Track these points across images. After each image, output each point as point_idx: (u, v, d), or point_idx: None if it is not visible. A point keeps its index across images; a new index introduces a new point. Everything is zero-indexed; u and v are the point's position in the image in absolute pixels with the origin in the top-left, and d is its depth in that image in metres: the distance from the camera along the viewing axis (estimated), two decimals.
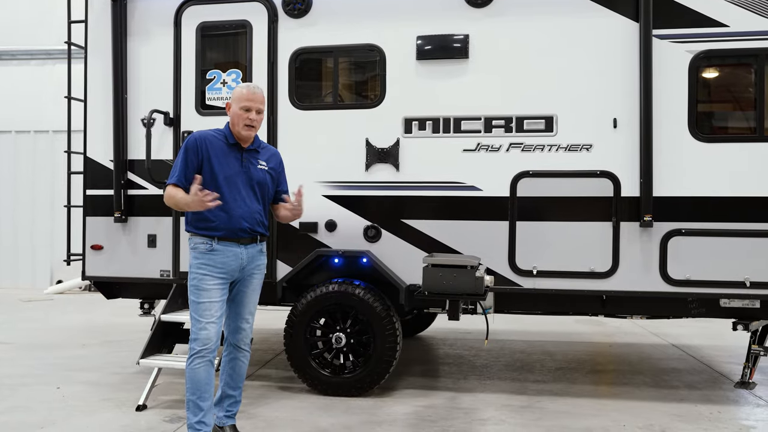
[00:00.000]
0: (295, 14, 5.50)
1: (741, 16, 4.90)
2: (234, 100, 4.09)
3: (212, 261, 3.99)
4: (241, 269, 4.10)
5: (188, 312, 5.50)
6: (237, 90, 4.13)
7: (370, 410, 5.04)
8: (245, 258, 4.08)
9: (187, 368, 3.99)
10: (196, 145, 4.03)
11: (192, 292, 4.02)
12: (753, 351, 5.25)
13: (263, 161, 4.20)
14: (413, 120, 5.32)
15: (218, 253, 4.00)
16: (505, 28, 5.22)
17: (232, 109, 4.09)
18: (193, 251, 4.05)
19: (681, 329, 8.28)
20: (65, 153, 6.28)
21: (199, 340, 3.95)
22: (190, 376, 3.97)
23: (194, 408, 3.97)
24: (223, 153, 4.06)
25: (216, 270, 3.99)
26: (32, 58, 13.30)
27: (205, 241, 4.01)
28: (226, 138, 4.11)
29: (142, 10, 5.75)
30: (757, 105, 4.94)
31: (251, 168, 4.12)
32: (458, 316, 5.04)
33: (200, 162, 4.02)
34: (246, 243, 4.08)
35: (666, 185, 4.98)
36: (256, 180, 4.13)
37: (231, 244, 4.02)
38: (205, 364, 3.96)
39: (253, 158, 4.16)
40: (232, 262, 4.03)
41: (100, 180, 5.79)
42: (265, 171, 4.19)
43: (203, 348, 3.95)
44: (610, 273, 5.05)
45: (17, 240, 13.21)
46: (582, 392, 5.58)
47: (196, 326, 3.98)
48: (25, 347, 7.36)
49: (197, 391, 3.96)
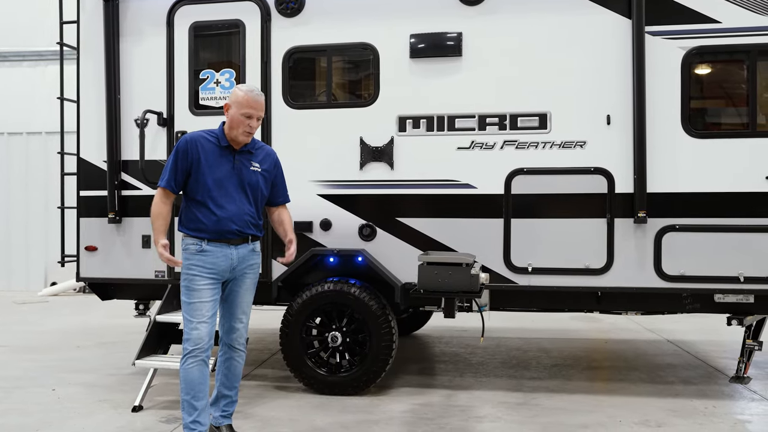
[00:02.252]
0: (288, 13, 5.49)
1: (733, 12, 4.92)
2: (235, 103, 4.02)
3: (202, 261, 4.00)
4: (232, 269, 4.10)
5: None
6: (238, 93, 4.04)
7: (366, 409, 5.04)
8: (236, 258, 4.08)
9: (180, 368, 4.00)
10: (187, 149, 4.02)
11: (183, 292, 4.04)
12: (747, 346, 5.28)
13: (257, 162, 4.19)
14: (407, 118, 5.32)
15: (208, 254, 4.01)
16: (498, 25, 5.22)
17: (231, 112, 4.04)
18: (184, 252, 4.06)
19: (676, 325, 8.31)
20: (58, 154, 6.25)
21: (191, 340, 3.96)
22: (184, 376, 3.98)
23: (189, 408, 3.97)
24: (214, 155, 4.05)
25: (206, 270, 4.00)
26: (24, 59, 13.24)
27: (196, 242, 4.02)
28: (218, 140, 4.09)
29: (134, 10, 5.73)
30: (749, 101, 4.96)
31: (243, 170, 4.11)
32: (454, 314, 5.04)
33: (190, 165, 4.02)
34: (236, 243, 4.09)
35: (660, 181, 5.00)
36: (248, 182, 4.12)
37: (221, 245, 4.03)
38: (198, 363, 3.97)
39: (245, 160, 4.15)
40: (222, 263, 4.04)
41: (93, 181, 5.77)
42: (258, 173, 4.18)
43: (195, 348, 3.96)
44: (605, 269, 5.06)
45: (11, 242, 13.16)
46: (578, 389, 5.60)
47: (188, 326, 3.99)
48: (20, 349, 7.34)
49: (191, 391, 3.97)
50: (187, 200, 4.09)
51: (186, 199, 4.10)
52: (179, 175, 4.02)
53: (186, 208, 4.10)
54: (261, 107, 4.08)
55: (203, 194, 4.01)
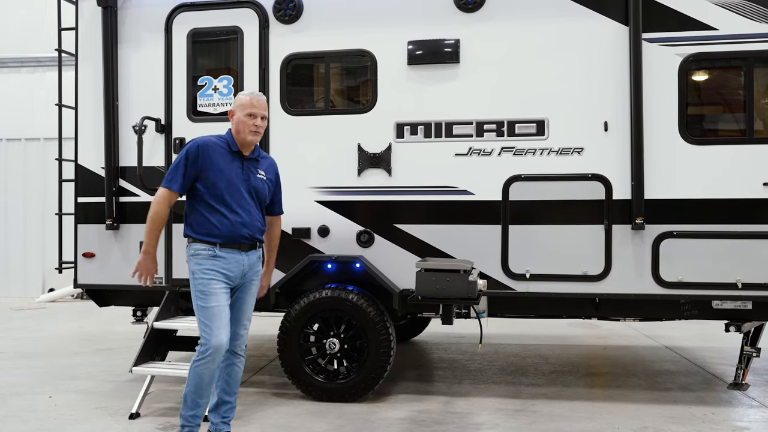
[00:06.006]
0: (286, 20, 5.50)
1: (730, 19, 4.94)
2: (237, 107, 4.12)
3: (217, 266, 4.02)
4: (243, 276, 4.13)
5: (181, 319, 5.52)
6: (240, 97, 4.16)
7: (364, 416, 5.03)
8: (246, 264, 4.13)
9: (194, 368, 3.99)
10: (197, 154, 4.03)
11: (199, 297, 4.01)
12: (745, 352, 5.26)
13: (262, 171, 4.25)
14: (405, 125, 5.32)
15: (221, 260, 4.03)
16: (495, 32, 5.24)
17: (236, 116, 4.11)
18: (194, 257, 4.05)
19: (674, 331, 8.31)
20: (56, 161, 6.26)
21: (212, 345, 3.94)
22: (196, 377, 3.99)
23: (192, 403, 4.04)
24: (225, 160, 4.08)
25: (222, 275, 4.02)
26: (23, 65, 13.27)
27: (207, 247, 4.03)
28: (228, 145, 4.13)
29: (132, 16, 5.74)
30: (746, 107, 4.98)
31: (251, 177, 4.16)
32: (452, 321, 5.03)
33: (198, 171, 4.03)
34: (246, 250, 4.12)
35: (657, 188, 5.00)
36: (256, 188, 4.17)
37: (233, 251, 4.05)
38: (214, 367, 4.01)
39: (253, 167, 4.19)
40: (235, 269, 4.07)
41: (91, 187, 5.76)
42: (264, 180, 4.24)
43: (216, 353, 3.96)
44: (603, 276, 5.07)
45: (8, 248, 13.15)
46: (576, 395, 5.59)
47: (208, 332, 3.96)
48: (17, 356, 7.31)
49: (199, 390, 4.03)
50: (195, 205, 4.08)
51: (194, 203, 4.09)
52: (187, 178, 4.03)
53: (194, 212, 4.08)
54: (264, 106, 4.16)
55: (216, 199, 4.02)
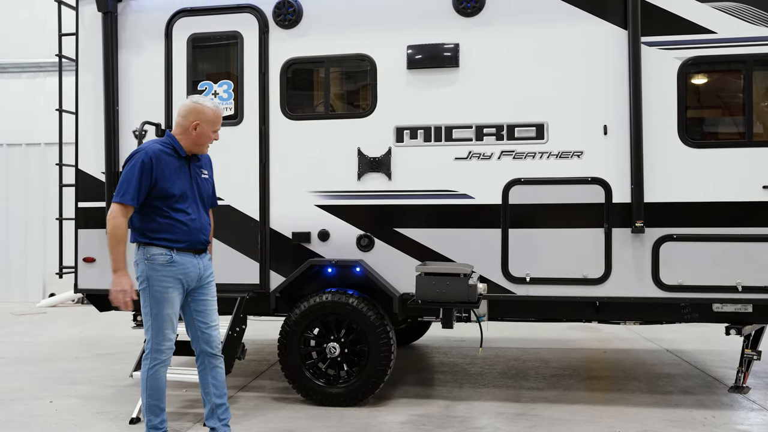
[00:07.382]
0: (286, 25, 5.52)
1: (728, 22, 4.95)
2: (204, 122, 4.08)
3: (173, 273, 4.04)
4: (199, 278, 4.18)
5: (181, 324, 5.50)
6: (206, 112, 4.09)
7: (365, 420, 5.03)
8: (202, 267, 4.18)
9: (148, 377, 4.10)
10: (152, 165, 4.00)
11: (152, 304, 4.05)
12: (746, 355, 5.26)
13: (205, 170, 4.31)
14: (405, 129, 5.33)
15: (179, 265, 4.05)
16: (495, 36, 5.25)
17: (200, 129, 4.09)
18: (149, 262, 4.02)
19: (675, 334, 8.30)
20: (57, 165, 6.26)
21: (163, 351, 4.09)
22: (152, 384, 4.11)
23: (156, 410, 4.14)
24: (175, 169, 4.09)
25: (177, 282, 4.06)
26: (23, 70, 13.28)
27: (164, 252, 4.03)
28: (176, 151, 4.12)
29: (132, 22, 5.75)
30: (745, 110, 4.98)
31: (199, 180, 4.22)
32: (452, 325, 5.03)
33: (155, 181, 4.01)
34: (200, 252, 4.18)
35: (657, 191, 5.01)
36: (203, 191, 4.24)
37: (188, 255, 4.10)
38: (165, 370, 4.15)
39: (197, 168, 4.25)
40: (192, 272, 4.12)
41: (91, 192, 5.78)
42: (208, 180, 4.31)
43: (166, 357, 4.11)
44: (603, 279, 5.07)
45: (9, 253, 13.14)
46: (577, 399, 5.59)
47: (160, 337, 4.08)
48: (17, 361, 7.31)
49: (158, 395, 4.14)
50: (149, 213, 4.04)
51: (147, 212, 4.04)
52: (142, 191, 3.99)
53: (148, 220, 4.04)
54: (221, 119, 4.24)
55: (171, 207, 4.03)
